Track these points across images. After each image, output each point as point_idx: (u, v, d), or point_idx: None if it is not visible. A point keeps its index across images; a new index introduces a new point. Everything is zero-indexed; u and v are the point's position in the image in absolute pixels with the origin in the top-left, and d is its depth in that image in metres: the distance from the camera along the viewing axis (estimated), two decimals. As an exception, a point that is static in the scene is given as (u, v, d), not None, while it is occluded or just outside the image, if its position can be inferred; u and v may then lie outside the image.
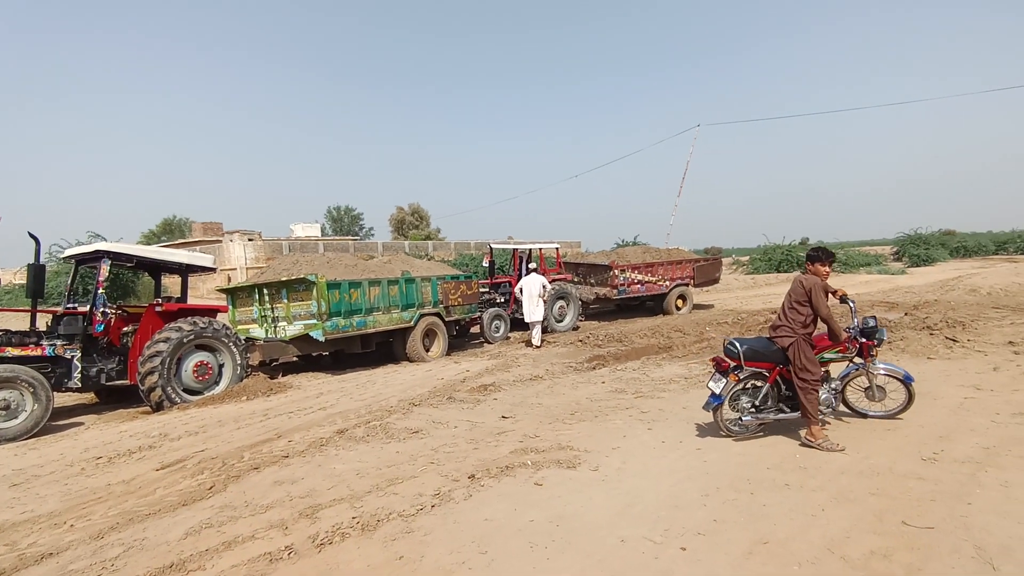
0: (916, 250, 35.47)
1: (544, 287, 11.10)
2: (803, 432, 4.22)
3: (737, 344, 4.37)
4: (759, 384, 4.45)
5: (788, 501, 3.26)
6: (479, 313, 11.95)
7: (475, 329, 12.84)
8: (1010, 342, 7.08)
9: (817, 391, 4.20)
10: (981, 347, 7.04)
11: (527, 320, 11.09)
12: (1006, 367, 6.06)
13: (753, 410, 4.38)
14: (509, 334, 12.46)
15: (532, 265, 11.98)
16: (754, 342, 4.47)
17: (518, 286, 11.46)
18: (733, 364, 4.36)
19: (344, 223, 70.46)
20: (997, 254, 40.42)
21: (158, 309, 7.66)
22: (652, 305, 15.59)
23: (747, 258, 33.82)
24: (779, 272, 28.85)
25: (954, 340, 7.44)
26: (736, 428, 4.45)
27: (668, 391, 6.19)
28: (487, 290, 13.08)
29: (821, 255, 4.40)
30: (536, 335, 10.96)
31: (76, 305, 7.75)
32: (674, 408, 5.47)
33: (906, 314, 9.51)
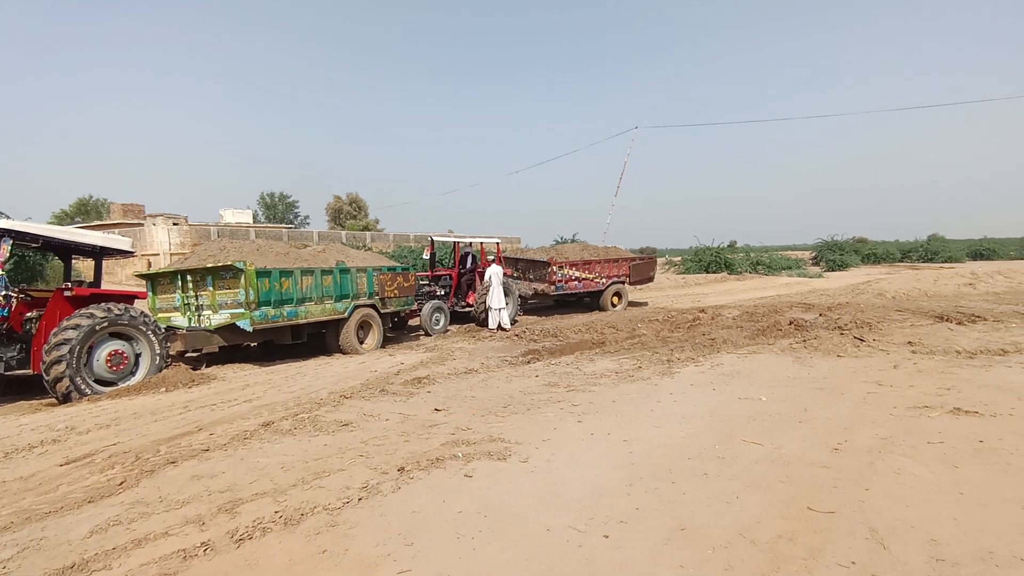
0: (832, 255, 37.98)
1: (502, 276, 12.33)
2: None
3: None
4: None
5: (706, 489, 3.42)
6: (418, 305, 11.87)
7: (414, 322, 12.70)
8: (909, 342, 7.69)
9: None
10: (884, 346, 7.62)
11: (495, 307, 11.88)
12: (904, 365, 6.58)
13: None
14: (449, 327, 12.41)
15: (490, 257, 12.93)
16: None
17: (488, 273, 12.14)
18: None
19: (278, 211, 67.92)
20: (902, 261, 43.87)
21: (67, 294, 7.12)
22: (589, 301, 15.92)
23: (679, 259, 35.12)
24: (708, 272, 30.12)
25: (861, 340, 8.01)
26: None
27: (599, 385, 6.34)
28: (427, 283, 12.97)
29: None
30: (505, 319, 11.96)
31: (-30, 288, 7.09)
32: (604, 401, 5.61)
33: (821, 315, 10.15)
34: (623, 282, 15.84)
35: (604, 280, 15.37)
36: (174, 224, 25.63)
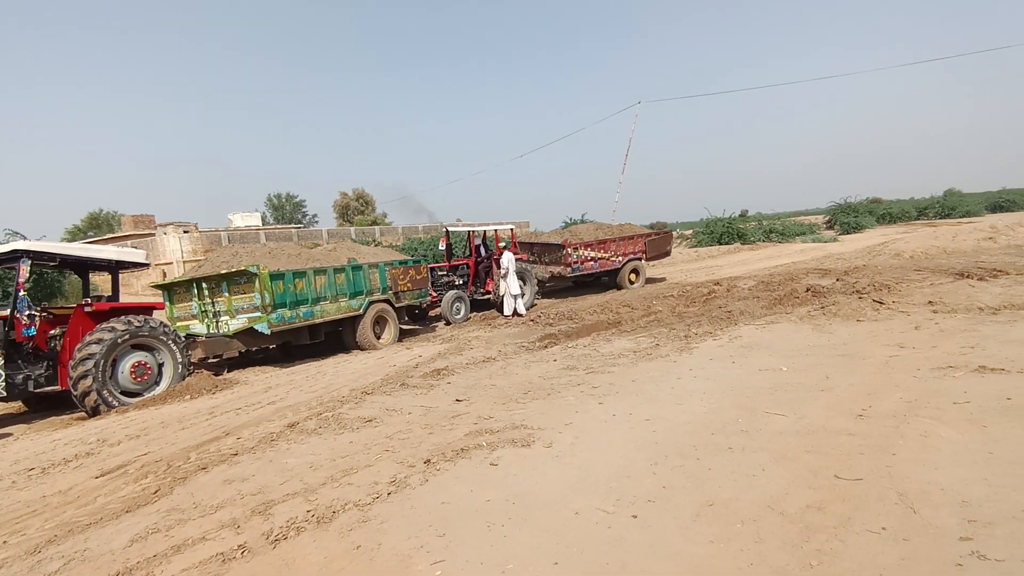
0: (846, 218, 37.41)
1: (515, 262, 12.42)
2: None
3: None
4: None
5: (732, 463, 3.42)
6: (438, 296, 12.01)
7: (434, 312, 12.78)
8: (930, 302, 7.59)
9: None
10: (904, 308, 7.52)
11: (512, 293, 11.92)
12: (926, 326, 6.50)
13: None
14: (470, 315, 12.52)
15: (502, 244, 12.89)
16: None
17: (504, 262, 12.17)
18: None
19: (286, 211, 68.31)
20: (918, 219, 43.06)
21: (87, 309, 7.25)
22: (607, 281, 15.88)
23: (690, 232, 34.80)
24: (721, 244, 29.83)
25: (880, 302, 7.92)
26: None
27: (617, 365, 6.34)
28: (445, 273, 13.03)
29: None
30: (520, 305, 12.01)
31: (-5, 309, 7.24)
32: (623, 381, 5.62)
33: (838, 280, 10.04)
34: (640, 259, 15.75)
35: (620, 258, 15.28)
36: (185, 232, 25.91)
